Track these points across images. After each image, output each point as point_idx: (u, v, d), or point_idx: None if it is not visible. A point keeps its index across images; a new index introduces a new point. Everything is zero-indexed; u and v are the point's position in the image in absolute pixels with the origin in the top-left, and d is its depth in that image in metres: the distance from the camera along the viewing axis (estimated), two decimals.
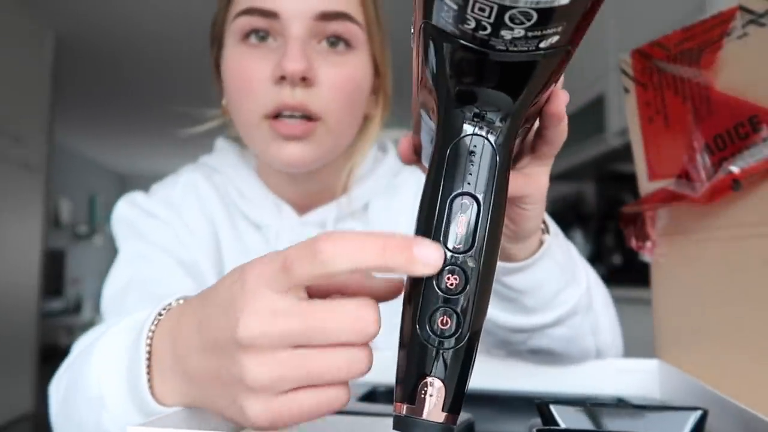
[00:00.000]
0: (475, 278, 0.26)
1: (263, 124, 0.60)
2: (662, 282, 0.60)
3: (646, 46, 0.58)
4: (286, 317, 0.27)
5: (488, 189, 0.27)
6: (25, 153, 3.32)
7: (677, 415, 0.36)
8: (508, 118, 0.27)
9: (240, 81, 0.61)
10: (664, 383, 0.56)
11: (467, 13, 0.22)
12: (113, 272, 0.65)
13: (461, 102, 0.27)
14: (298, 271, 0.27)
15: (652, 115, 0.58)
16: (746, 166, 0.49)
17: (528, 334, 0.54)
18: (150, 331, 0.35)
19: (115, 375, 0.37)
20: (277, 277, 0.27)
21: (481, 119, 0.27)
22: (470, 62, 0.25)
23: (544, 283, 0.49)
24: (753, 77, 0.49)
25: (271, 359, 0.28)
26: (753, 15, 0.48)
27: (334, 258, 0.26)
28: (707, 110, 0.53)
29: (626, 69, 0.60)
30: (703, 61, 0.52)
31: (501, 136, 0.27)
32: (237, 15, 0.61)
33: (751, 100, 0.49)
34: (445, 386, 0.26)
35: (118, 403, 0.37)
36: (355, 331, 0.27)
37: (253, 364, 0.28)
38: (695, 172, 0.53)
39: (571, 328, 0.54)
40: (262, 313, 0.27)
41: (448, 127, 0.28)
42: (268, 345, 0.27)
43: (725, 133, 0.51)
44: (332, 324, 0.27)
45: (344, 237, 0.26)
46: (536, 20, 0.22)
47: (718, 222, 0.52)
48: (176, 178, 0.73)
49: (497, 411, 0.53)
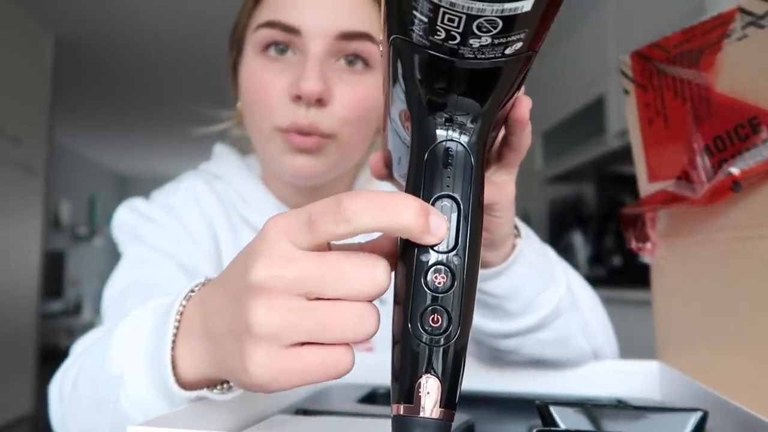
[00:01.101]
0: (461, 275, 0.27)
1: (276, 136, 0.61)
2: (662, 283, 0.60)
3: (646, 47, 0.58)
4: (301, 262, 0.28)
5: (466, 190, 0.28)
6: (25, 154, 3.32)
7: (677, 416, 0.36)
8: (478, 121, 0.29)
9: (256, 92, 0.62)
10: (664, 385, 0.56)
11: (437, 24, 0.24)
12: (114, 275, 0.65)
13: (433, 109, 0.28)
14: (322, 227, 0.27)
15: (651, 116, 0.58)
16: (746, 167, 0.49)
17: (517, 341, 0.55)
18: (181, 305, 0.36)
19: (138, 351, 0.37)
20: (301, 231, 0.28)
21: (454, 124, 0.29)
22: (441, 71, 0.26)
23: (522, 286, 0.50)
24: (753, 79, 0.49)
25: (280, 305, 0.28)
26: (752, 17, 0.48)
27: (358, 215, 0.26)
28: (707, 112, 0.53)
29: (626, 71, 0.60)
30: (703, 63, 0.52)
31: (474, 139, 0.29)
32: (259, 26, 0.61)
33: (751, 102, 0.49)
34: (440, 383, 0.26)
35: (138, 380, 0.37)
36: (369, 282, 0.28)
37: (261, 309, 0.28)
38: (695, 174, 0.53)
39: (558, 331, 0.54)
40: (277, 259, 0.28)
41: (423, 135, 0.29)
42: (279, 289, 0.28)
43: (725, 134, 0.51)
44: (348, 270, 0.27)
45: (367, 196, 0.27)
46: (501, 28, 0.23)
47: (718, 223, 0.52)
48: (176, 184, 0.73)
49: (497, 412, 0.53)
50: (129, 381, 0.37)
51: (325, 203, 0.27)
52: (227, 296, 0.31)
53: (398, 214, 0.26)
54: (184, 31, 3.31)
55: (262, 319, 0.28)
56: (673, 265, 0.58)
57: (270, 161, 0.65)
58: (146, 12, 3.12)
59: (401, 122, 0.32)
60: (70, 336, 5.33)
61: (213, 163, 0.75)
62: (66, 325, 5.57)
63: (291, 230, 0.28)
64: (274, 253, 0.28)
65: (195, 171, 0.75)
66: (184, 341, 0.35)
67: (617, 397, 0.55)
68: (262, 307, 0.28)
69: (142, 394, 0.37)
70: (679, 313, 0.58)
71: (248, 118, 0.65)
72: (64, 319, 5.74)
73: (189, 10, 3.07)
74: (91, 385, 0.41)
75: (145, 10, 3.09)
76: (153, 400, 0.37)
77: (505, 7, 0.22)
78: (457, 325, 0.27)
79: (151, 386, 0.36)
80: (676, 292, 0.58)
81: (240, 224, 0.70)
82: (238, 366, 0.29)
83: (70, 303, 6.13)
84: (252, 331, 0.28)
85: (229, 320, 0.30)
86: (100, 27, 3.34)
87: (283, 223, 0.28)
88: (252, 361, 0.28)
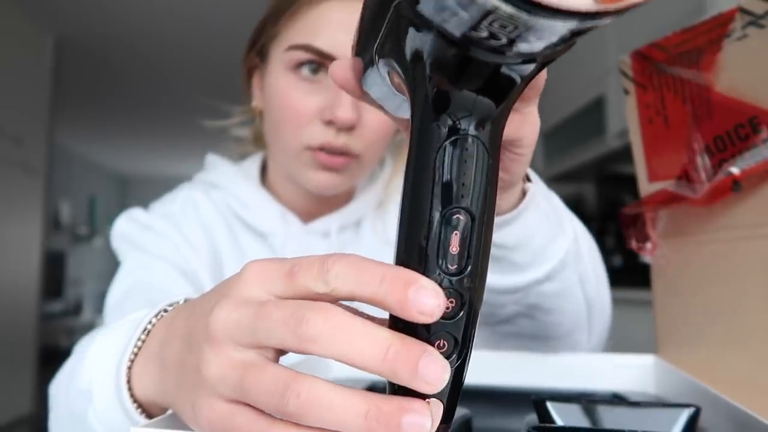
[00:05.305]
0: (471, 299, 0.24)
1: (305, 153, 0.64)
2: (663, 283, 0.60)
3: (646, 47, 0.58)
4: (265, 307, 0.25)
5: (481, 199, 0.24)
6: (26, 155, 3.32)
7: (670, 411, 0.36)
8: (494, 119, 0.25)
9: (287, 111, 0.63)
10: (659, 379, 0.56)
11: (482, 24, 0.20)
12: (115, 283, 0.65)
13: (445, 107, 0.24)
14: (300, 280, 0.25)
15: (652, 116, 0.58)
16: (746, 167, 0.49)
17: (516, 296, 0.51)
18: (149, 323, 0.35)
19: (106, 367, 0.37)
20: (277, 279, 0.26)
21: (470, 118, 0.24)
22: (479, 70, 0.23)
23: (532, 236, 0.46)
24: (753, 78, 0.49)
25: (232, 357, 0.25)
26: (752, 16, 0.48)
27: (341, 280, 0.24)
28: (707, 112, 0.53)
29: (626, 70, 0.60)
30: (703, 63, 0.52)
31: (491, 134, 0.24)
32: (292, 47, 0.62)
33: (751, 102, 0.49)
34: (442, 402, 0.25)
35: (103, 395, 0.36)
36: (349, 338, 0.24)
37: (213, 358, 0.26)
38: (695, 174, 0.53)
39: (561, 282, 0.51)
40: (242, 301, 0.25)
41: (431, 131, 0.24)
42: (235, 337, 0.25)
43: (725, 134, 0.51)
44: (318, 324, 0.24)
45: (359, 264, 0.24)
46: (559, 39, 0.20)
47: (719, 223, 0.52)
48: (174, 194, 0.74)
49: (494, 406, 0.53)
50: (96, 396, 0.37)
51: (313, 259, 0.25)
52: (188, 328, 0.29)
53: (387, 294, 0.23)
54: (184, 32, 3.31)
55: (212, 368, 0.25)
56: (673, 265, 0.58)
57: (294, 174, 0.67)
58: (147, 13, 3.12)
59: (389, 77, 0.28)
60: (70, 336, 5.33)
61: (208, 173, 0.76)
62: (66, 326, 5.57)
63: (268, 276, 0.26)
64: (242, 295, 0.26)
65: (191, 182, 0.76)
66: (142, 360, 0.34)
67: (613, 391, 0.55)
68: (214, 356, 0.25)
69: (107, 411, 0.36)
70: (680, 313, 0.58)
71: (274, 134, 0.67)
72: (64, 319, 5.73)
73: (189, 12, 3.07)
74: (66, 397, 0.41)
75: (145, 11, 3.09)
76: (117, 417, 0.36)
77: (582, 26, 0.19)
78: (463, 348, 0.25)
79: (114, 403, 0.35)
80: (676, 292, 0.58)
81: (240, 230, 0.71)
82: (181, 402, 0.28)
83: (70, 303, 6.13)
84: (200, 374, 0.26)
85: (184, 355, 0.28)
86: (100, 27, 3.34)
87: (261, 268, 0.26)
88: (196, 404, 0.26)
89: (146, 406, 0.35)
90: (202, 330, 0.27)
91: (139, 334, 0.35)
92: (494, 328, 0.59)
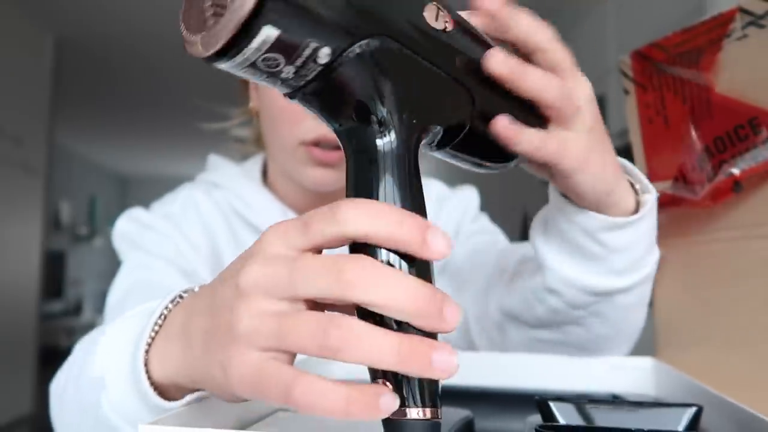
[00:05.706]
0: None
1: (300, 149, 0.64)
2: (663, 284, 0.60)
3: (646, 47, 0.58)
4: (293, 260, 0.26)
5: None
6: (25, 154, 3.32)
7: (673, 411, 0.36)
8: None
9: (281, 107, 0.63)
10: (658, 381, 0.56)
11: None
12: (116, 282, 0.65)
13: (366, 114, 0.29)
14: (314, 226, 0.26)
15: (651, 116, 0.59)
16: (746, 167, 0.49)
17: (595, 299, 0.50)
18: (165, 309, 0.35)
19: (120, 353, 0.37)
20: (295, 232, 0.27)
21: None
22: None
23: (638, 243, 0.47)
24: (753, 79, 0.49)
25: (266, 309, 0.26)
26: (752, 16, 0.48)
27: (353, 219, 0.26)
28: (707, 112, 0.53)
29: (626, 70, 0.60)
30: (703, 63, 0.52)
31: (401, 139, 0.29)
32: None
33: (751, 102, 0.49)
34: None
35: (118, 381, 0.36)
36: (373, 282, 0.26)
37: (245, 311, 0.26)
38: (695, 174, 0.53)
39: (636, 296, 0.51)
40: (270, 258, 0.27)
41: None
42: (269, 290, 0.26)
43: (725, 135, 0.51)
44: (347, 268, 0.26)
45: (366, 204, 0.26)
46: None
47: (719, 224, 0.52)
48: (175, 194, 0.74)
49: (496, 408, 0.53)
50: (110, 383, 0.36)
51: (324, 207, 0.27)
52: (213, 298, 0.30)
53: (394, 227, 0.25)
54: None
55: (245, 321, 0.26)
56: (673, 265, 0.58)
57: (291, 171, 0.67)
58: (146, 13, 3.12)
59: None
60: (70, 336, 5.33)
61: (210, 173, 0.76)
62: (66, 326, 5.57)
63: (287, 232, 0.28)
64: (268, 253, 0.27)
65: (193, 182, 0.76)
66: (160, 343, 0.34)
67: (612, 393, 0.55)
68: (246, 309, 0.26)
69: (122, 398, 0.36)
70: (680, 313, 0.58)
71: (270, 132, 0.67)
72: (64, 319, 5.74)
73: None
74: (75, 387, 0.41)
75: (145, 11, 3.09)
76: (132, 403, 0.36)
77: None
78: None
79: (129, 389, 0.35)
80: (676, 292, 0.58)
81: (242, 229, 0.71)
82: (209, 368, 0.28)
83: (70, 303, 6.13)
84: (234, 334, 0.27)
85: (213, 325, 0.29)
86: (100, 27, 3.34)
87: (279, 227, 0.28)
88: (226, 361, 0.27)
89: (163, 389, 0.35)
90: (230, 291, 0.28)
91: (155, 319, 0.35)
92: (533, 333, 0.57)
